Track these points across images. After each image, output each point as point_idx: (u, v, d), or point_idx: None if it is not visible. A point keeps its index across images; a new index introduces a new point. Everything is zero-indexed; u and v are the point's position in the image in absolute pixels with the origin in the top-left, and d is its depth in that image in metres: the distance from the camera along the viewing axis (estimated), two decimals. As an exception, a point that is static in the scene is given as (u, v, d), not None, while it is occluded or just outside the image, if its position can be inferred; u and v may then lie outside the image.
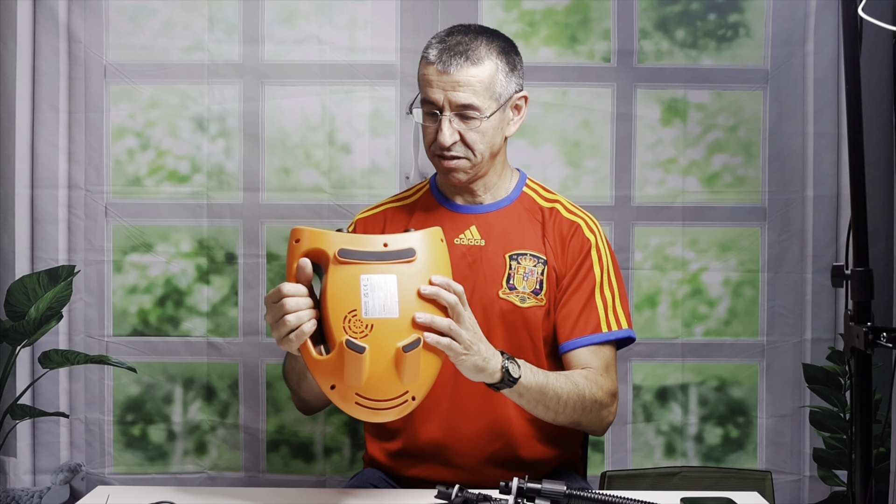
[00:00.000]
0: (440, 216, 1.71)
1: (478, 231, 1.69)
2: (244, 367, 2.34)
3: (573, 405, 1.54)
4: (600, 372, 1.63)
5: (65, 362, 2.33)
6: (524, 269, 1.66)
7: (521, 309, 1.64)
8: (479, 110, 1.59)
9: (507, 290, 1.65)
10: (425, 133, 1.65)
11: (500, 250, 1.67)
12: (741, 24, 2.31)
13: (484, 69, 1.59)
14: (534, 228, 1.69)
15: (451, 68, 1.58)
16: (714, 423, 2.36)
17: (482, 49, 1.61)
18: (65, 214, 2.32)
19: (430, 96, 1.60)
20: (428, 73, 1.60)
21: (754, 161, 2.33)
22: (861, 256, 1.42)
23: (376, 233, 1.73)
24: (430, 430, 1.66)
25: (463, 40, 1.61)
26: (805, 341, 2.34)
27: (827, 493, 2.34)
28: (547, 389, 1.50)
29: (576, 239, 1.69)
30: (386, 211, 1.78)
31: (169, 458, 2.36)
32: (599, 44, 2.31)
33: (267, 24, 2.30)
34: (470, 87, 1.58)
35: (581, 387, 1.55)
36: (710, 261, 2.34)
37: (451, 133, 1.59)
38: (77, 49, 2.29)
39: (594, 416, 1.60)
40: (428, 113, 1.63)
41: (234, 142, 2.31)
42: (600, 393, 1.59)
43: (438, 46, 1.61)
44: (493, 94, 1.61)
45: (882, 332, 1.35)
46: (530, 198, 1.74)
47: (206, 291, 2.34)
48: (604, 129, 2.32)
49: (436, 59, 1.59)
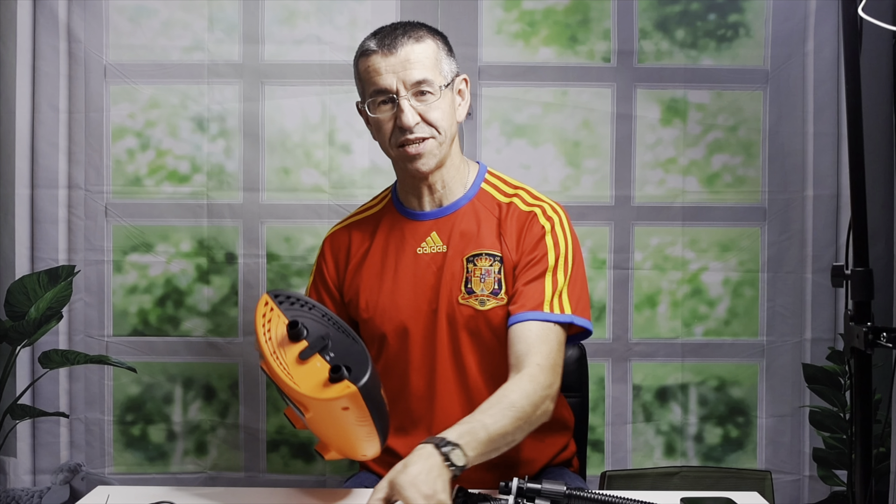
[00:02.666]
0: (402, 226, 1.68)
1: (438, 237, 1.65)
2: (244, 367, 2.34)
3: (521, 429, 1.46)
4: (536, 355, 1.52)
5: (65, 362, 2.33)
6: (480, 270, 1.62)
7: (482, 312, 1.61)
8: (433, 85, 1.57)
9: (466, 294, 1.61)
10: (382, 126, 1.61)
11: (458, 254, 1.63)
12: (741, 24, 2.31)
13: (427, 46, 1.59)
14: (490, 226, 1.65)
15: (396, 49, 1.56)
16: (714, 423, 2.36)
17: (420, 30, 1.61)
18: (65, 214, 2.32)
19: (381, 84, 1.57)
20: (373, 63, 1.58)
21: (754, 161, 2.33)
22: (861, 256, 1.42)
23: (343, 249, 1.72)
24: (415, 442, 1.66)
25: (397, 26, 1.61)
26: (805, 341, 2.34)
27: (827, 493, 2.34)
28: (493, 439, 1.39)
29: (531, 226, 1.63)
30: (351, 225, 1.76)
31: (169, 458, 2.36)
32: (599, 44, 2.31)
33: (267, 24, 2.30)
34: (420, 62, 1.57)
35: (519, 405, 1.44)
36: (710, 261, 2.34)
37: (412, 112, 1.56)
38: (77, 49, 2.29)
39: (538, 418, 1.50)
40: (381, 103, 1.59)
41: (234, 142, 2.31)
42: (539, 392, 1.48)
43: (375, 39, 1.60)
44: (441, 71, 1.60)
45: (882, 332, 1.36)
46: (488, 194, 1.69)
47: (206, 291, 2.34)
48: (604, 129, 2.32)
49: (378, 46, 1.58)
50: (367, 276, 1.68)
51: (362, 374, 1.33)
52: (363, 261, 1.69)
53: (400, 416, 1.64)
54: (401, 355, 1.65)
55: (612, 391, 2.34)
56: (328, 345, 1.39)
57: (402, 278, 1.65)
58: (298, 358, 1.37)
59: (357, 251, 1.71)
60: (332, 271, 1.72)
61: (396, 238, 1.68)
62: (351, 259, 1.70)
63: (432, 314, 1.62)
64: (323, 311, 1.46)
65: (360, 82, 1.63)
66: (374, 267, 1.68)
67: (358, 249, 1.71)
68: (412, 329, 1.63)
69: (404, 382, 1.65)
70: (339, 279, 1.71)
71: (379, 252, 1.68)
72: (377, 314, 1.65)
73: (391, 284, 1.65)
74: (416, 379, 1.64)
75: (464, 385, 1.63)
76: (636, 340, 2.34)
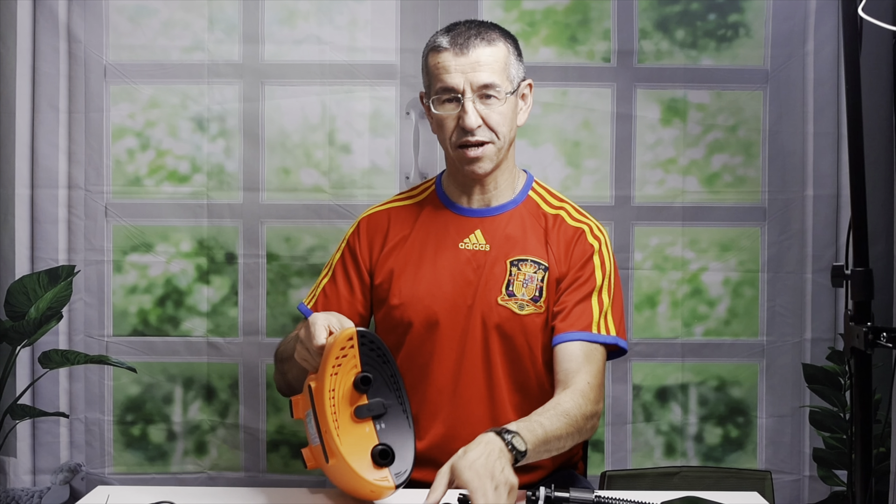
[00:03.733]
0: (445, 219, 1.70)
1: (482, 235, 1.67)
2: (244, 367, 2.34)
3: (572, 436, 1.52)
4: (586, 374, 1.59)
5: (65, 362, 2.33)
6: (524, 275, 1.64)
7: (519, 316, 1.63)
8: (499, 90, 1.58)
9: (507, 296, 1.63)
10: (444, 123, 1.62)
11: (502, 256, 1.65)
12: (741, 24, 2.31)
13: (499, 49, 1.60)
14: (537, 234, 1.68)
15: (468, 49, 1.57)
16: (714, 423, 2.36)
17: (493, 32, 1.62)
18: (65, 214, 2.32)
19: (448, 82, 1.59)
20: (443, 60, 1.59)
21: (754, 161, 2.33)
22: (861, 256, 1.42)
23: (380, 232, 1.72)
24: (433, 434, 1.66)
25: (472, 26, 1.62)
26: (805, 341, 2.34)
27: (827, 493, 2.34)
28: (549, 440, 1.46)
29: (580, 243, 1.67)
30: (391, 210, 1.77)
31: (169, 458, 2.36)
32: (599, 44, 2.31)
33: (267, 24, 2.30)
34: (489, 66, 1.58)
35: (572, 414, 1.51)
36: (709, 261, 2.34)
37: (475, 115, 1.58)
38: (77, 49, 2.29)
39: (587, 432, 1.58)
40: (446, 101, 1.61)
41: (234, 142, 2.31)
42: (589, 406, 1.56)
43: (448, 35, 1.60)
44: (509, 76, 1.61)
45: (882, 332, 1.36)
46: (535, 203, 1.72)
47: (206, 291, 2.34)
48: (604, 129, 2.32)
49: (450, 45, 1.58)
50: (403, 262, 1.68)
51: (404, 468, 1.36)
52: (400, 246, 1.70)
53: (416, 405, 1.63)
54: (426, 345, 1.65)
55: (612, 391, 2.34)
56: (385, 413, 1.38)
57: (441, 270, 1.65)
58: (353, 413, 1.36)
59: (395, 235, 1.71)
60: (364, 251, 1.72)
61: (438, 229, 1.68)
62: (388, 242, 1.71)
63: (466, 309, 1.63)
64: (393, 371, 1.43)
65: (427, 76, 1.65)
66: (412, 254, 1.68)
67: (397, 234, 1.71)
68: (443, 321, 1.64)
69: (425, 373, 1.66)
70: (371, 260, 1.71)
71: (419, 240, 1.69)
72: (409, 301, 1.65)
73: (429, 274, 1.66)
74: (440, 371, 1.65)
75: (489, 385, 1.64)
76: (636, 340, 2.33)
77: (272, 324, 2.33)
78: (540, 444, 1.42)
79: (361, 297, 1.72)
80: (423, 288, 1.66)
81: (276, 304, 2.33)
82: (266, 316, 2.33)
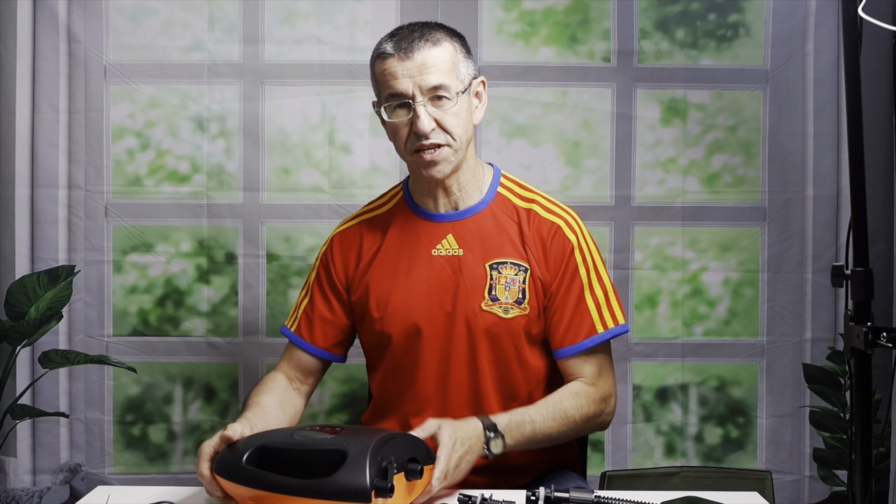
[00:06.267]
0: (416, 226, 1.66)
1: (455, 240, 1.64)
2: (244, 367, 2.34)
3: (565, 434, 1.57)
4: (593, 380, 1.61)
5: (65, 362, 2.33)
6: (505, 278, 1.61)
7: (505, 320, 1.60)
8: (449, 90, 1.55)
9: (490, 301, 1.61)
10: (397, 131, 1.59)
11: (479, 259, 1.62)
12: (741, 24, 2.31)
13: (445, 49, 1.56)
14: (511, 233, 1.64)
15: (412, 53, 1.54)
16: (714, 423, 2.36)
17: (438, 32, 1.58)
18: (65, 214, 2.32)
19: (397, 88, 1.55)
20: (389, 66, 1.56)
21: (754, 161, 2.33)
22: (861, 256, 1.42)
23: (353, 247, 1.69)
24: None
25: (415, 28, 1.59)
26: (805, 341, 2.34)
27: (827, 493, 2.34)
28: (535, 436, 1.54)
29: (557, 241, 1.63)
30: (362, 223, 1.73)
31: (169, 458, 2.36)
32: (599, 44, 2.31)
33: (267, 24, 2.30)
34: (436, 67, 1.54)
35: (570, 413, 1.56)
36: (710, 261, 2.34)
37: (428, 119, 1.54)
38: (77, 49, 2.29)
39: (588, 429, 1.63)
40: (398, 107, 1.57)
41: (234, 142, 2.31)
42: (592, 407, 1.59)
43: (392, 40, 1.57)
44: (458, 75, 1.58)
45: (882, 332, 1.35)
46: (505, 198, 1.67)
47: (206, 291, 2.34)
48: (604, 129, 2.32)
49: (395, 50, 1.55)
50: (378, 274, 1.66)
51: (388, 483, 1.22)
52: (374, 259, 1.67)
53: (402, 416, 1.63)
54: (409, 355, 1.64)
55: (612, 391, 2.34)
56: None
57: (416, 278, 1.63)
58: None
59: (369, 249, 1.68)
60: (339, 270, 1.70)
61: (410, 237, 1.66)
62: (362, 258, 1.68)
63: (446, 317, 1.61)
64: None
65: (376, 84, 1.61)
66: (387, 266, 1.66)
67: (370, 248, 1.68)
68: (425, 330, 1.62)
69: (411, 383, 1.64)
70: (347, 278, 1.69)
71: (392, 251, 1.66)
72: (388, 313, 1.63)
73: (404, 284, 1.63)
74: (425, 380, 1.63)
75: (475, 390, 1.62)
76: (636, 340, 2.34)
77: (272, 324, 2.33)
78: (524, 442, 1.52)
79: (343, 315, 1.70)
80: (400, 299, 1.63)
81: (276, 304, 2.33)
82: (266, 316, 2.33)
